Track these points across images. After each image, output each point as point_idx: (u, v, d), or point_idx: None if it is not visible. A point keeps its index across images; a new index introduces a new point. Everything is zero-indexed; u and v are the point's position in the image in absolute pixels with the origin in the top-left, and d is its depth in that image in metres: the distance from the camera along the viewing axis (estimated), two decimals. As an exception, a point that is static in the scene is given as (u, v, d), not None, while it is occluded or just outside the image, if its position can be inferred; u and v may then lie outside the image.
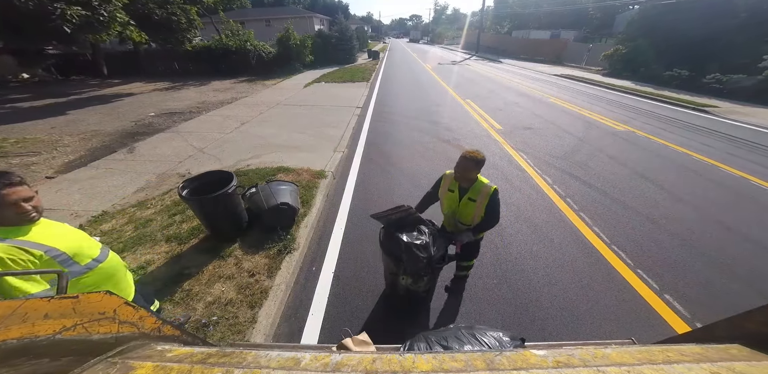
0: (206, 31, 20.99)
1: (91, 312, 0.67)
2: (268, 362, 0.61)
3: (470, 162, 2.02)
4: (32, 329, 0.59)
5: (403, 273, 2.14)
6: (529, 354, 0.63)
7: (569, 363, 0.59)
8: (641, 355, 0.63)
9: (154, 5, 14.61)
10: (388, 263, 2.27)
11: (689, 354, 0.64)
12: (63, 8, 8.82)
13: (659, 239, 3.51)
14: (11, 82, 14.17)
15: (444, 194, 2.33)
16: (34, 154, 5.94)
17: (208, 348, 0.72)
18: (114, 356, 0.65)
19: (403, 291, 2.29)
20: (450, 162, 5.54)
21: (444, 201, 2.37)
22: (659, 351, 0.66)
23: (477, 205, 2.15)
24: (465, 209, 2.22)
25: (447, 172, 2.32)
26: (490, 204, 2.15)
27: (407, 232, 2.10)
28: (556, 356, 0.62)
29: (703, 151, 6.21)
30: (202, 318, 2.38)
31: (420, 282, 2.18)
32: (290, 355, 0.63)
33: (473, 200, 2.15)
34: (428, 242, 2.05)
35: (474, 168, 2.05)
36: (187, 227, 3.49)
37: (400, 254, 2.04)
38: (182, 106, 10.02)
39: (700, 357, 0.63)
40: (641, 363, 0.59)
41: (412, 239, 2.05)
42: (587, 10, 35.42)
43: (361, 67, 19.69)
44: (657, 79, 14.67)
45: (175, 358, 0.65)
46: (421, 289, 2.25)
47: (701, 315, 2.56)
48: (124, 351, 0.68)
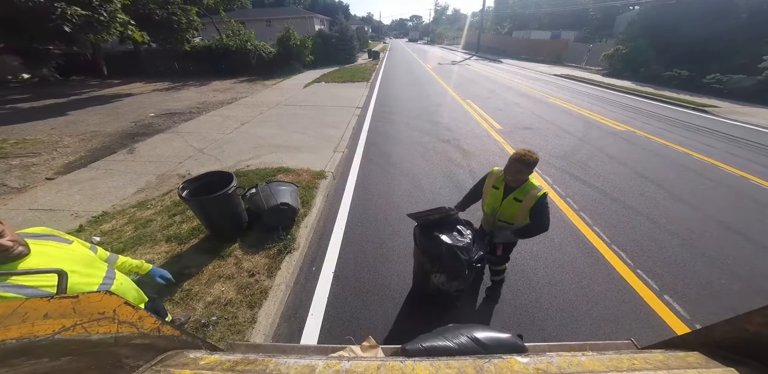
0: (207, 31, 21.03)
1: (91, 312, 0.67)
2: (287, 369, 0.69)
3: (521, 165, 1.91)
4: (32, 329, 0.59)
5: (438, 272, 2.12)
6: (514, 361, 0.70)
7: (547, 371, 0.67)
8: (611, 363, 0.71)
9: (154, 5, 14.63)
10: (422, 262, 2.23)
11: (653, 361, 0.71)
12: (63, 8, 8.83)
13: (659, 239, 3.51)
14: (11, 83, 14.18)
15: (488, 191, 2.25)
16: (34, 155, 5.95)
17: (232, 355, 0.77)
18: (156, 364, 0.71)
19: (434, 290, 2.28)
20: (450, 162, 5.56)
21: (486, 198, 2.29)
22: (627, 358, 0.73)
23: (522, 206, 2.05)
24: (509, 208, 2.13)
25: (494, 169, 2.24)
26: (537, 208, 2.02)
27: (447, 232, 2.06)
28: (536, 363, 0.69)
29: (703, 151, 6.21)
30: (202, 318, 2.38)
31: (454, 282, 2.16)
32: (306, 363, 0.70)
33: (519, 200, 2.05)
34: (470, 244, 2.01)
35: (525, 170, 1.94)
36: (187, 227, 3.49)
37: (440, 254, 2.01)
38: (182, 106, 10.03)
39: (660, 364, 0.70)
40: (608, 371, 0.67)
41: (453, 240, 2.01)
42: (587, 10, 35.45)
43: (362, 68, 19.70)
44: (657, 79, 14.67)
45: (207, 366, 0.72)
46: (453, 289, 2.23)
47: (700, 316, 2.56)
48: (164, 359, 0.75)
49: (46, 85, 13.84)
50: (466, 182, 4.83)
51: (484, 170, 5.21)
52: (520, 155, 1.91)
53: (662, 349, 1.04)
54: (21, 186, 4.68)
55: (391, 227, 3.73)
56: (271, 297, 2.60)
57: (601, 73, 18.77)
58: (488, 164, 5.47)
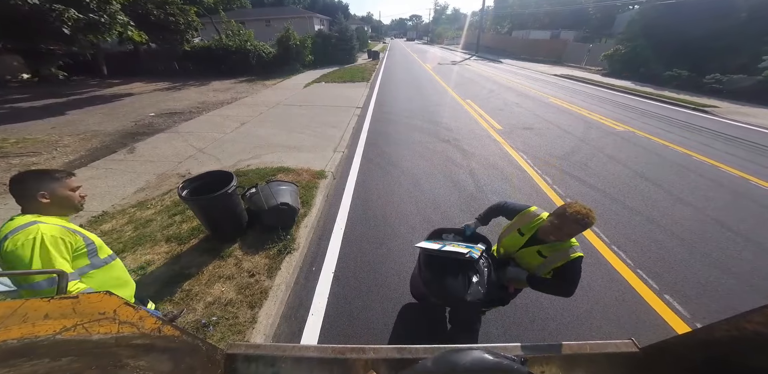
0: (206, 31, 21.00)
1: (91, 313, 0.67)
2: None
3: (578, 226, 1.52)
4: (32, 329, 0.59)
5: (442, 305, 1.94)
6: None
7: None
8: None
9: (152, 6, 14.62)
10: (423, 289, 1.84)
11: None
12: (60, 10, 8.82)
13: (659, 239, 3.51)
14: (11, 83, 14.17)
15: (509, 233, 1.87)
16: (34, 154, 5.94)
17: None
18: None
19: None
20: (450, 162, 5.56)
21: (504, 239, 1.91)
22: None
23: (544, 262, 1.69)
24: (527, 258, 1.76)
25: (532, 209, 1.83)
26: (564, 271, 1.63)
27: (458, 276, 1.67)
28: None
29: (703, 151, 6.22)
30: (202, 318, 2.38)
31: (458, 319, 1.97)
32: None
33: (543, 256, 1.69)
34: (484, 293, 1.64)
35: (578, 233, 1.59)
36: (187, 227, 3.49)
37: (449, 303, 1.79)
38: (182, 106, 10.02)
39: None
40: None
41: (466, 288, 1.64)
42: (587, 10, 35.47)
43: (361, 68, 19.69)
44: (657, 79, 14.69)
45: None
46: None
47: (701, 315, 2.56)
48: None
49: (46, 84, 13.82)
50: (465, 181, 4.84)
51: (484, 170, 5.24)
52: (582, 215, 1.48)
53: (663, 348, 1.04)
54: (21, 186, 4.67)
55: (391, 227, 3.73)
56: (272, 297, 2.59)
57: (601, 73, 18.79)
58: (488, 165, 5.48)
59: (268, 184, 3.58)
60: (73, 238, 1.37)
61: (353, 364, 1.10)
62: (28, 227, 1.26)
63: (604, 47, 21.18)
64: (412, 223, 3.80)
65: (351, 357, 1.11)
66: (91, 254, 1.46)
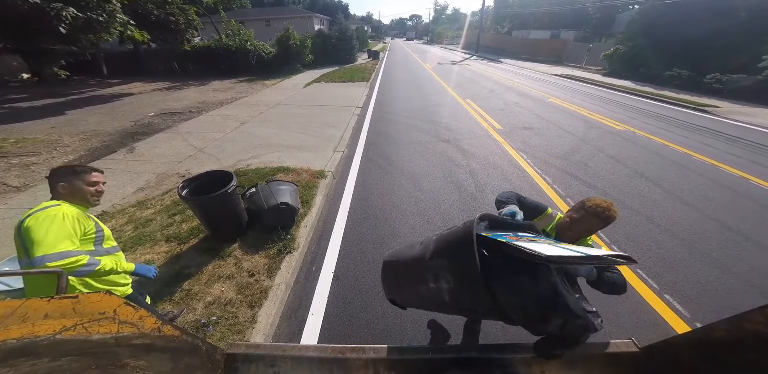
0: (206, 31, 20.99)
1: (91, 312, 0.67)
2: None
3: (599, 221, 1.47)
4: (32, 329, 0.59)
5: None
6: None
7: None
8: None
9: (152, 5, 14.60)
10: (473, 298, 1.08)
11: None
12: (58, 9, 8.81)
13: (659, 239, 3.51)
14: (10, 83, 14.16)
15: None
16: (34, 154, 5.94)
17: None
18: None
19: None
20: (450, 162, 5.56)
21: None
22: None
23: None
24: None
25: (549, 211, 1.76)
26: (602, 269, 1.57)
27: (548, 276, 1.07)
28: None
29: (703, 151, 6.21)
30: (202, 318, 2.38)
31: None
32: None
33: None
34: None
35: (600, 228, 1.53)
36: (187, 227, 3.49)
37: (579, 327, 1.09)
38: (182, 106, 10.02)
39: None
40: None
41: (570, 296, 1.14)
42: (587, 10, 35.42)
43: (361, 67, 19.69)
44: (657, 79, 14.68)
45: None
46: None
47: (701, 314, 2.56)
48: None
49: (46, 84, 13.82)
50: (465, 181, 4.83)
51: (484, 170, 5.23)
52: (602, 208, 1.44)
53: (662, 348, 1.04)
54: (21, 185, 4.67)
55: (391, 226, 3.73)
56: (271, 297, 2.59)
57: (601, 72, 18.78)
58: (489, 164, 5.48)
59: (267, 184, 3.57)
60: (86, 222, 1.53)
61: (353, 364, 1.10)
62: (52, 208, 1.44)
63: (604, 47, 21.16)
64: (412, 223, 3.80)
65: (351, 356, 1.10)
66: (97, 241, 1.60)
